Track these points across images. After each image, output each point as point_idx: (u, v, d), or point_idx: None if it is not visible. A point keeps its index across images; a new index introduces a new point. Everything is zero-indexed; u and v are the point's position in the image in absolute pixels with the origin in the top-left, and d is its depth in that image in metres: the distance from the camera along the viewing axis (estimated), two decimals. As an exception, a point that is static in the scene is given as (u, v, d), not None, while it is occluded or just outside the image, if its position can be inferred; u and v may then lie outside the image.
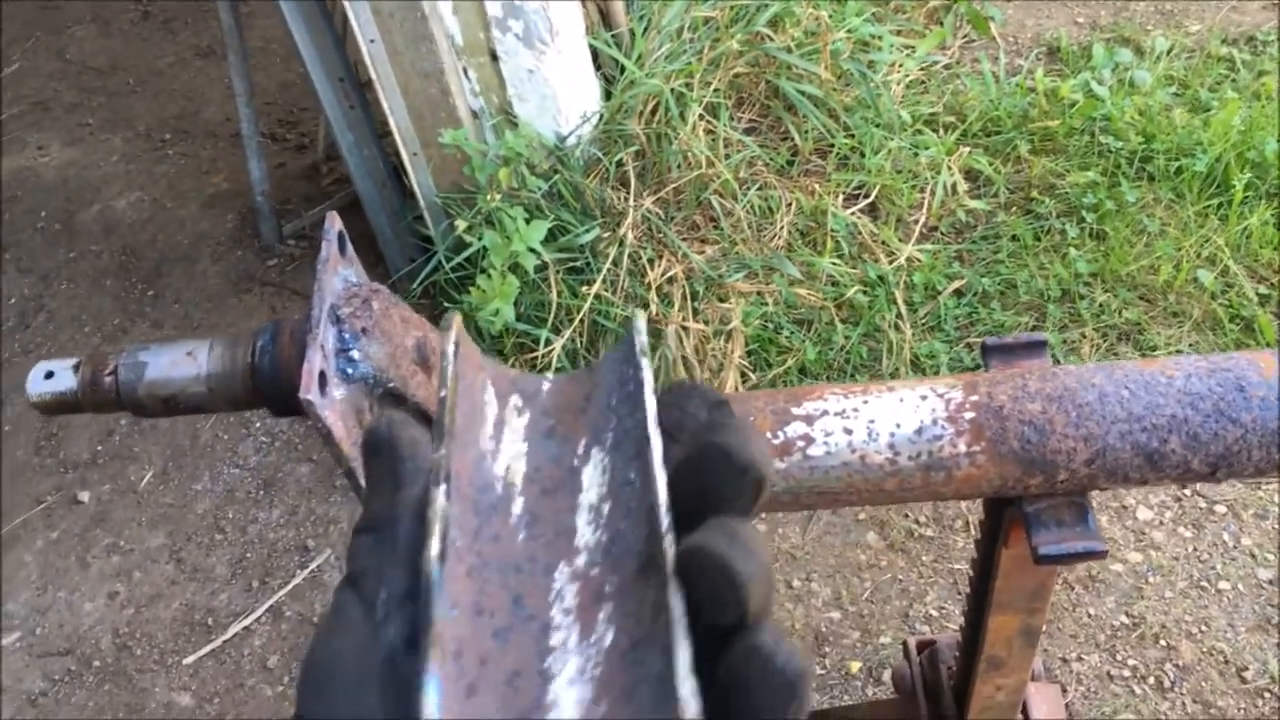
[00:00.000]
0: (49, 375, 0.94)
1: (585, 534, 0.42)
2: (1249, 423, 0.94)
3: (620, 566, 0.40)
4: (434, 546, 0.37)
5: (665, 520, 0.39)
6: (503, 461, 0.44)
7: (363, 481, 0.93)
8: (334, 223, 0.94)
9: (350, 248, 0.96)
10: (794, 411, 0.98)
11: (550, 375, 0.49)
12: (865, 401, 0.98)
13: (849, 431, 0.97)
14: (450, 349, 0.44)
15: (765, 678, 0.37)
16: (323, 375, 0.85)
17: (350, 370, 0.89)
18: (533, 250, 2.54)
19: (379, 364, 0.90)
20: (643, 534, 0.40)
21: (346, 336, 0.89)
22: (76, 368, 0.95)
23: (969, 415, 0.96)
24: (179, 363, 0.93)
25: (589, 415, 0.46)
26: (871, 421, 0.97)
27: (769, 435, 0.98)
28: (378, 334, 0.90)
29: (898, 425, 0.96)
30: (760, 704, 0.38)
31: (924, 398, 0.97)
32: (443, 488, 0.38)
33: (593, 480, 0.44)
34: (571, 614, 0.40)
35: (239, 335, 0.94)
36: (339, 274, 0.93)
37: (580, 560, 0.41)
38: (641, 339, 0.46)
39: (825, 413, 0.98)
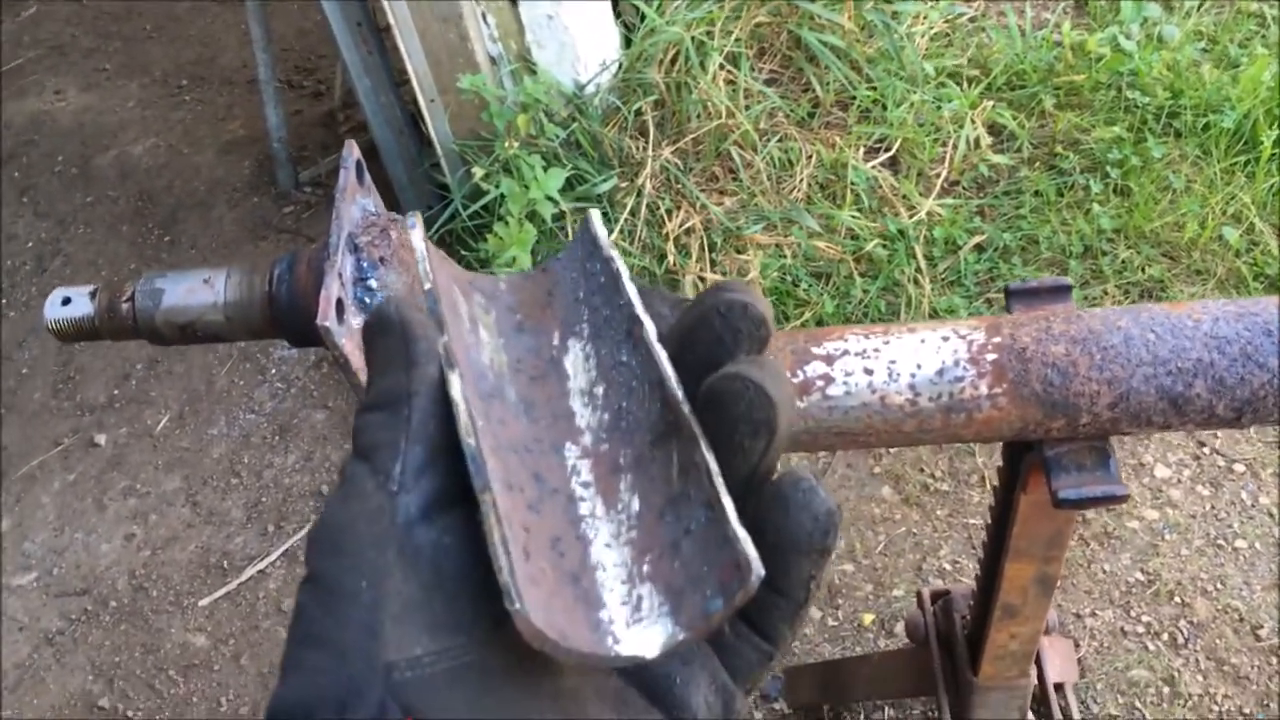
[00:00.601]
0: (66, 301, 0.94)
1: (585, 416, 0.43)
2: (1276, 368, 0.92)
3: (632, 441, 0.41)
4: (466, 418, 0.37)
5: (678, 390, 0.40)
6: (486, 354, 0.45)
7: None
8: (352, 151, 0.93)
9: (368, 177, 0.95)
10: (814, 351, 0.97)
11: (504, 275, 0.51)
12: (886, 342, 0.96)
13: (869, 372, 0.95)
14: (421, 245, 0.44)
15: (807, 501, 0.39)
16: (340, 303, 0.85)
17: (368, 299, 0.88)
18: (550, 199, 2.52)
19: (397, 293, 0.89)
20: (654, 407, 0.41)
21: (364, 265, 0.88)
22: (93, 294, 0.94)
23: (991, 357, 0.95)
24: (196, 290, 0.92)
25: (555, 309, 0.48)
26: (892, 362, 0.95)
27: (788, 374, 0.97)
28: (396, 263, 0.89)
29: (919, 366, 0.95)
30: (800, 530, 0.39)
31: (945, 339, 0.96)
32: (458, 369, 0.38)
33: (577, 368, 0.45)
34: (591, 487, 0.41)
35: (256, 263, 0.93)
36: (357, 202, 0.92)
37: (586, 440, 0.42)
38: (604, 236, 0.48)
39: (845, 353, 0.96)
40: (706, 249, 2.67)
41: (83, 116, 3.89)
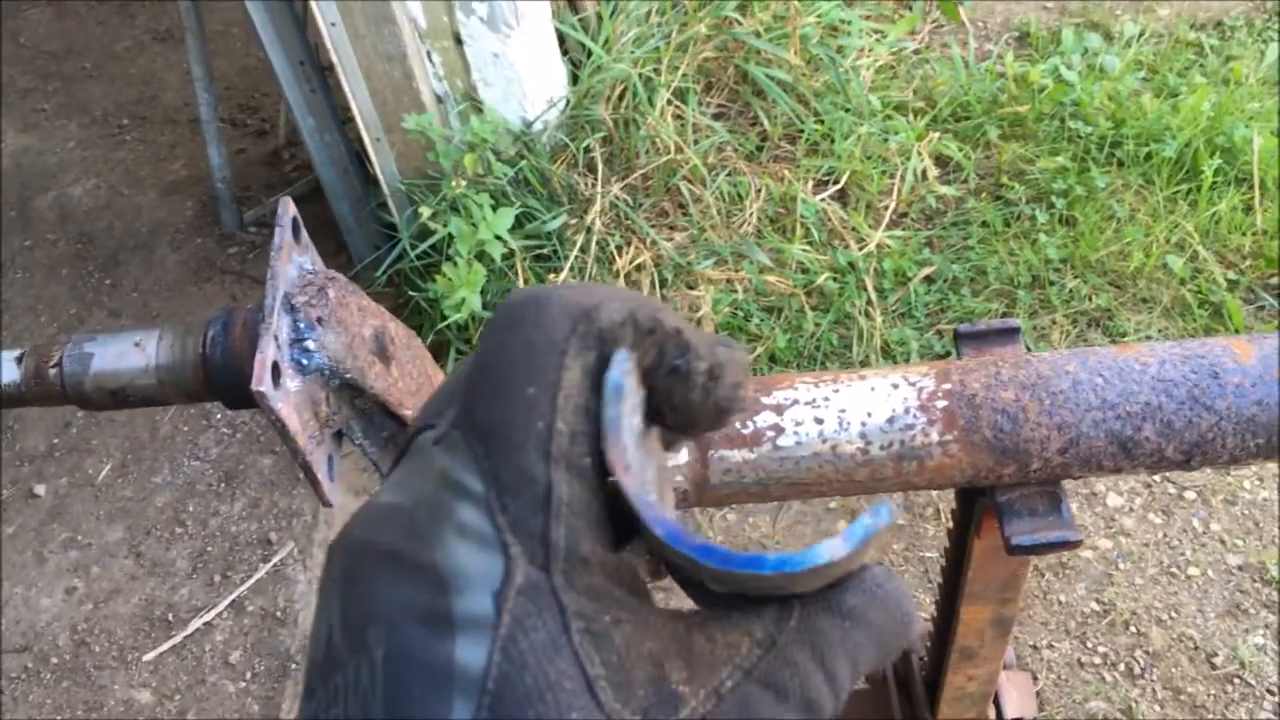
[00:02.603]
0: (-11, 367, 0.91)
1: None
2: (1223, 410, 0.92)
3: None
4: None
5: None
6: None
7: (320, 474, 0.90)
8: (288, 209, 0.91)
9: (305, 234, 0.93)
10: (763, 401, 0.96)
11: None
12: (836, 390, 0.95)
13: (820, 421, 0.94)
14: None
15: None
16: (276, 366, 0.82)
17: (305, 361, 0.85)
18: (499, 238, 2.50)
19: (335, 354, 0.86)
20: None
21: (301, 326, 0.86)
22: (19, 360, 0.91)
23: (941, 404, 0.94)
24: (126, 354, 0.89)
25: None
26: (842, 411, 0.94)
27: (738, 425, 0.96)
28: (334, 323, 0.87)
29: (869, 414, 0.94)
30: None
31: (895, 386, 0.95)
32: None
33: None
34: None
35: (189, 324, 0.90)
36: (294, 261, 0.90)
37: None
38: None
39: (795, 402, 0.95)
40: (658, 285, 2.66)
41: (21, 158, 3.82)
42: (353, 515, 0.41)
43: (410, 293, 2.68)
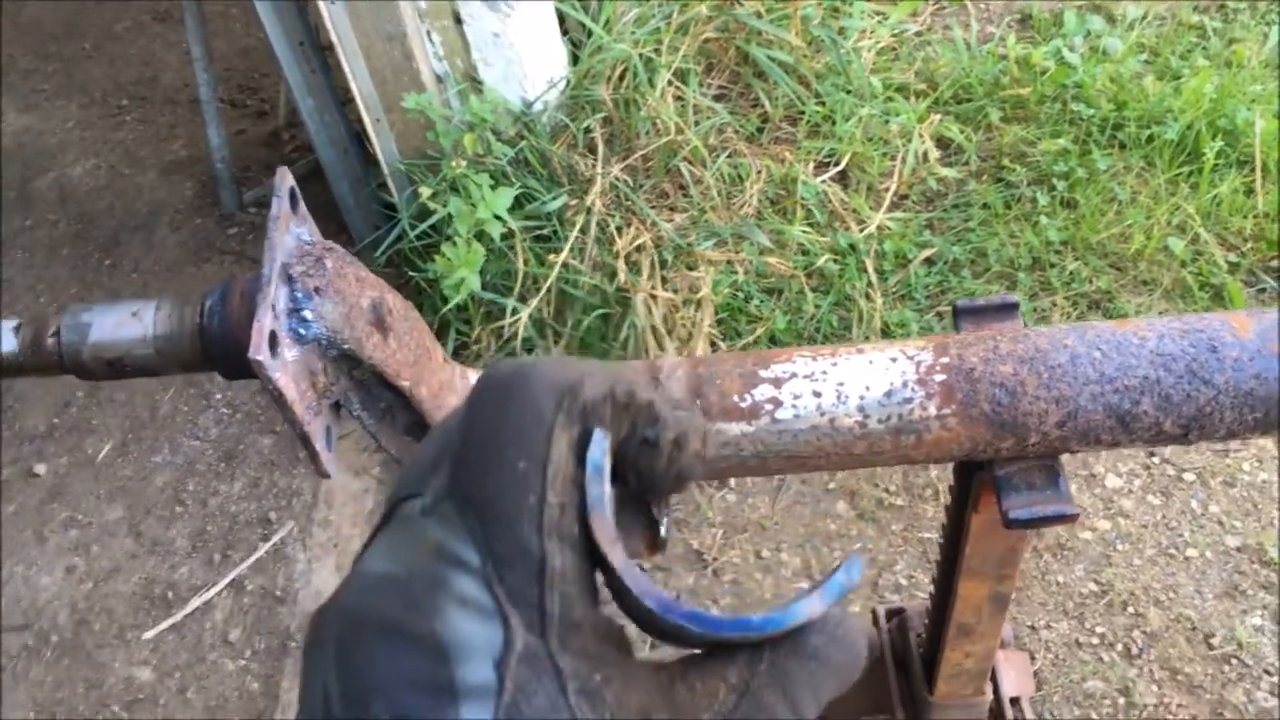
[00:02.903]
0: (-13, 337, 0.91)
1: None
2: (1221, 384, 0.92)
3: None
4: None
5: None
6: None
7: (318, 445, 0.90)
8: (285, 178, 0.91)
9: (302, 205, 0.93)
10: (761, 374, 0.95)
11: None
12: (834, 364, 0.95)
13: (817, 394, 0.94)
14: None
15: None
16: (274, 335, 0.82)
17: (303, 330, 0.85)
18: (499, 218, 2.50)
19: (333, 324, 0.86)
20: None
21: (299, 295, 0.86)
22: (17, 329, 0.91)
23: (939, 378, 0.94)
24: (124, 324, 0.89)
25: None
26: (840, 384, 0.94)
27: (736, 398, 0.95)
28: (331, 293, 0.87)
29: (867, 388, 0.94)
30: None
31: (894, 360, 0.95)
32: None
33: None
34: None
35: (187, 295, 0.90)
36: (291, 231, 0.90)
37: None
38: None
39: (794, 375, 0.95)
40: (658, 266, 2.66)
41: (21, 138, 3.82)
42: (342, 583, 0.42)
43: (410, 273, 2.68)
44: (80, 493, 2.69)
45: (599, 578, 0.41)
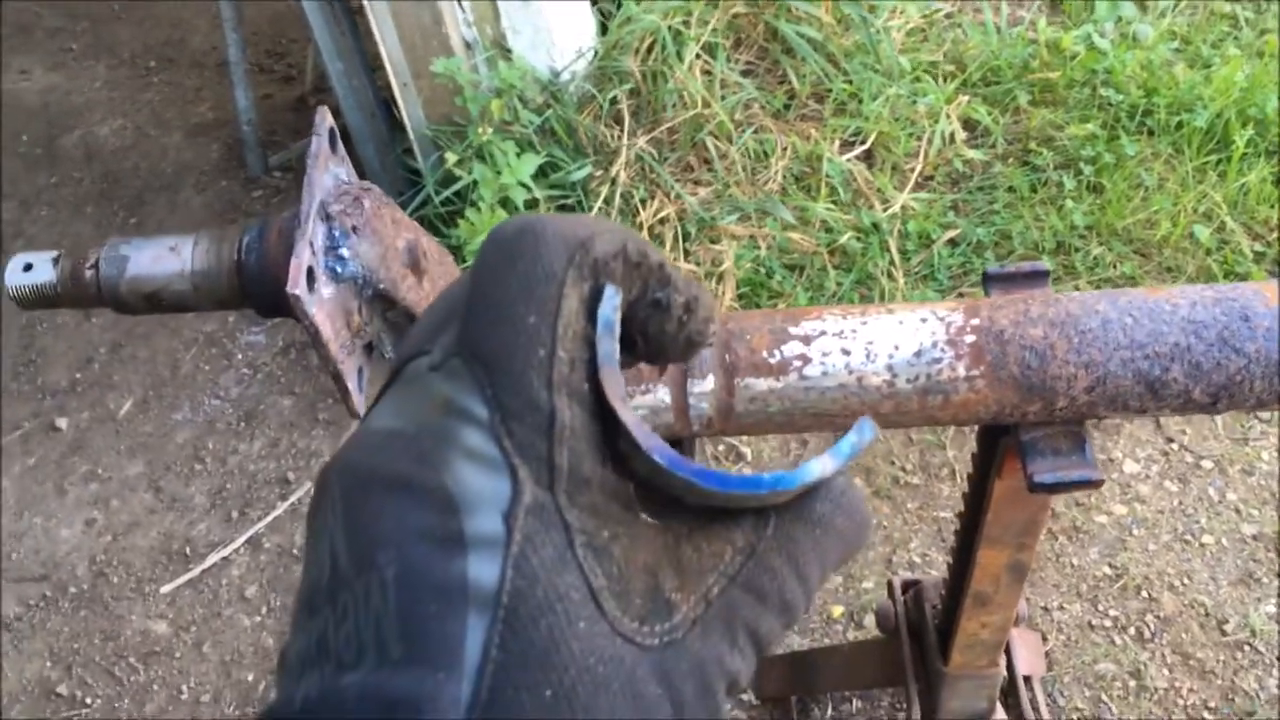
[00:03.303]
0: (28, 268, 0.91)
1: None
2: (1252, 353, 0.92)
3: None
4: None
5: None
6: None
7: (350, 384, 0.90)
8: (325, 117, 0.91)
9: (341, 145, 0.93)
10: (791, 331, 0.96)
11: None
12: (864, 323, 0.95)
13: (846, 352, 0.94)
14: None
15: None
16: (311, 272, 0.83)
17: (339, 268, 0.86)
18: (523, 185, 2.50)
19: (369, 263, 0.87)
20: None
21: (336, 234, 0.86)
22: (56, 260, 0.92)
23: (969, 339, 0.94)
24: (162, 258, 0.90)
25: None
26: (870, 343, 0.95)
27: (765, 354, 0.96)
28: (368, 233, 0.88)
29: (896, 347, 0.94)
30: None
31: (924, 320, 0.95)
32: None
33: None
34: None
35: (225, 231, 0.91)
36: (329, 170, 0.90)
37: None
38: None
39: (823, 333, 0.95)
40: (681, 239, 2.66)
41: (48, 96, 3.83)
42: (346, 441, 0.42)
43: (434, 238, 2.68)
44: (101, 448, 2.71)
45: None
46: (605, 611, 0.37)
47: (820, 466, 0.41)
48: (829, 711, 2.03)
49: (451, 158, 2.58)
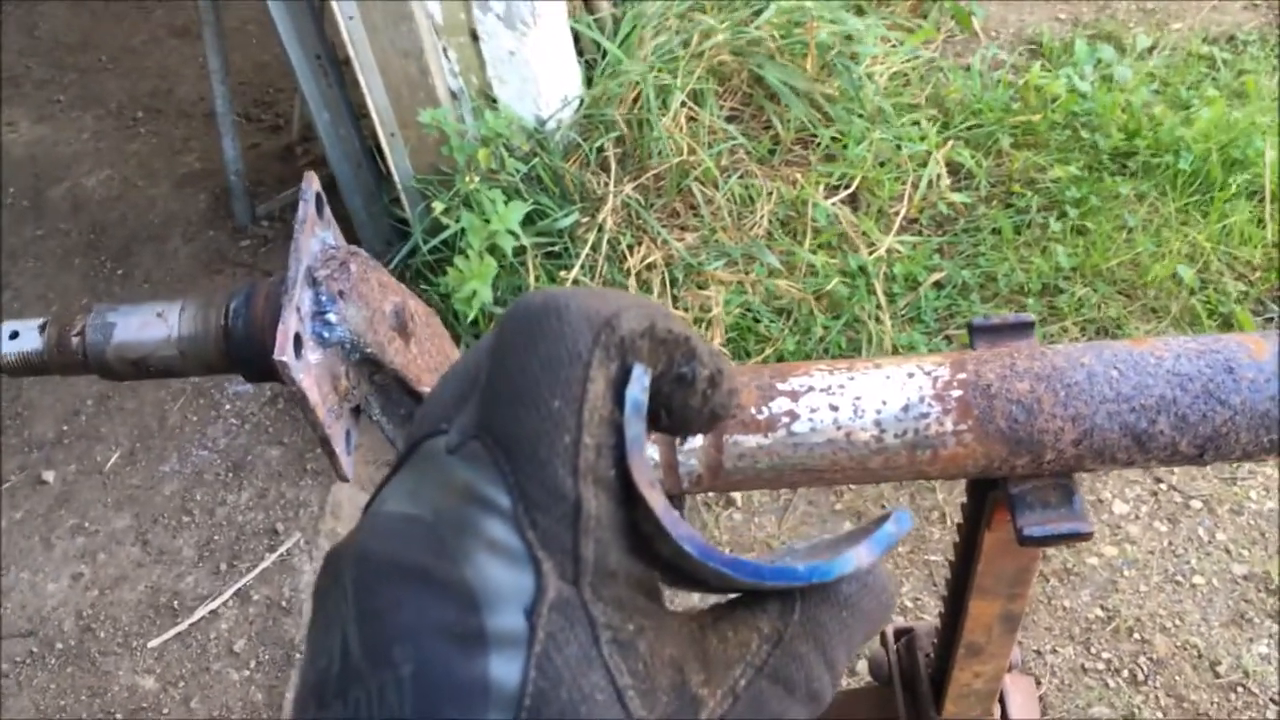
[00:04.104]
0: (14, 335, 0.91)
1: None
2: (1238, 404, 0.92)
3: None
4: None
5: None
6: None
7: (338, 448, 0.90)
8: (311, 183, 0.92)
9: (328, 210, 0.94)
10: (779, 387, 0.96)
11: None
12: (851, 378, 0.96)
13: (834, 408, 0.94)
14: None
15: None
16: (298, 338, 0.83)
17: (326, 334, 0.86)
18: (511, 232, 2.51)
19: (356, 328, 0.87)
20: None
21: (323, 299, 0.86)
22: (43, 328, 0.92)
23: (956, 393, 0.94)
24: (149, 324, 0.90)
25: None
26: (858, 398, 0.95)
27: (753, 410, 0.96)
28: (355, 297, 0.88)
29: (884, 402, 0.94)
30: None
31: (911, 375, 0.95)
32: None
33: None
34: None
35: (211, 296, 0.91)
36: (316, 235, 0.91)
37: None
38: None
39: (811, 389, 0.95)
40: (668, 284, 2.67)
41: (35, 148, 3.84)
42: (360, 524, 0.40)
43: (423, 288, 2.69)
44: (88, 500, 2.69)
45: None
46: (631, 712, 0.35)
47: (858, 558, 0.41)
48: (823, 760, 2.01)
49: (439, 206, 2.59)
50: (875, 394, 0.94)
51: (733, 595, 0.43)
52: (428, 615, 0.35)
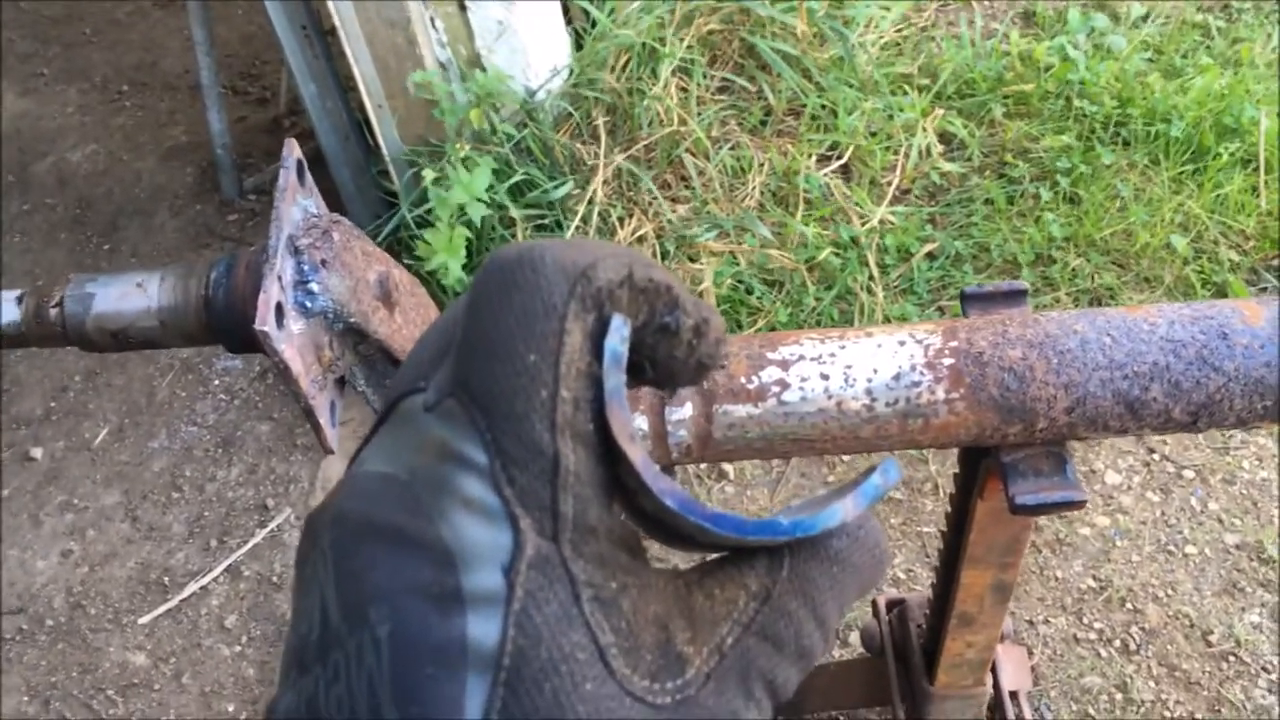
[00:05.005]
0: (-10, 307, 0.90)
1: None
2: (1231, 371, 0.92)
3: None
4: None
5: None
6: None
7: (322, 420, 0.89)
8: (292, 150, 0.90)
9: (309, 177, 0.92)
10: (769, 356, 0.95)
11: None
12: (842, 347, 0.95)
13: (825, 377, 0.94)
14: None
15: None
16: (279, 307, 0.81)
17: (309, 303, 0.85)
18: (480, 200, 2.48)
19: (339, 297, 0.86)
20: None
21: (305, 268, 0.85)
22: (20, 299, 0.91)
23: (948, 361, 0.93)
24: (128, 295, 0.89)
25: None
26: (849, 367, 0.94)
27: (743, 380, 0.95)
28: (338, 266, 0.86)
29: (875, 371, 0.93)
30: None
31: (902, 343, 0.94)
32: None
33: None
34: None
35: (192, 266, 0.89)
36: (298, 203, 0.89)
37: None
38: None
39: (801, 357, 0.95)
40: (659, 256, 2.65)
41: (19, 122, 3.80)
42: (338, 485, 0.40)
43: (409, 260, 2.67)
44: (77, 477, 2.68)
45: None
46: (614, 671, 0.35)
47: (843, 510, 0.39)
48: (816, 731, 2.02)
49: (430, 175, 2.56)
50: (866, 362, 0.93)
51: (721, 554, 0.42)
52: (403, 575, 0.35)
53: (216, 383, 2.83)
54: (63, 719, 2.25)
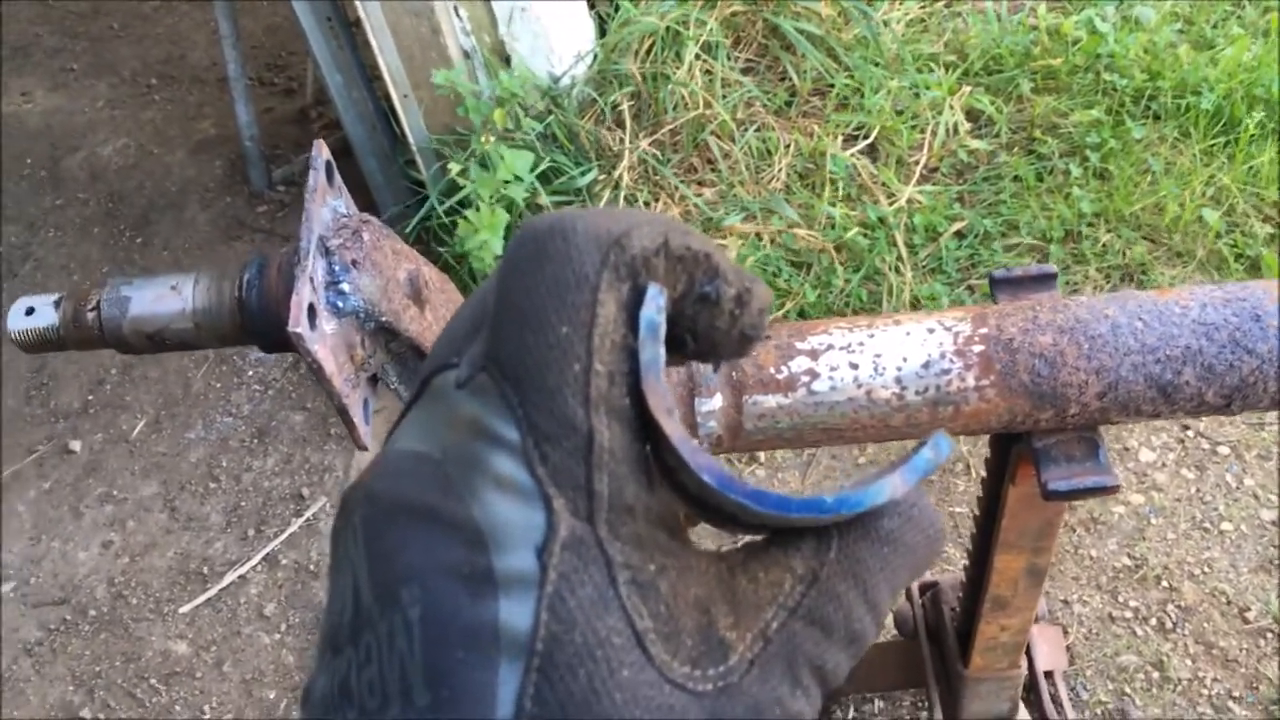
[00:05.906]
0: (30, 311, 0.91)
1: None
2: (1265, 353, 0.91)
3: None
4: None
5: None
6: None
7: (355, 418, 0.90)
8: (322, 151, 0.91)
9: (339, 177, 0.93)
10: (798, 346, 0.95)
11: None
12: (871, 335, 0.95)
13: (854, 366, 0.94)
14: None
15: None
16: (312, 308, 0.82)
17: (340, 303, 0.86)
18: (519, 178, 2.49)
19: (370, 297, 0.87)
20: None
21: (336, 269, 0.86)
22: (58, 303, 0.92)
23: (978, 348, 0.93)
24: (164, 297, 0.90)
25: None
26: (878, 356, 0.94)
27: (772, 370, 0.95)
28: (369, 266, 0.87)
29: (904, 359, 0.93)
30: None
31: (931, 331, 0.94)
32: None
33: None
34: None
35: (225, 269, 0.90)
36: (328, 204, 0.90)
37: None
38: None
39: (830, 347, 0.95)
40: (686, 241, 2.65)
41: (51, 118, 3.84)
42: (371, 463, 0.39)
43: (438, 249, 2.68)
44: (115, 469, 2.72)
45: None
46: (652, 656, 0.33)
47: (891, 486, 0.37)
48: (850, 713, 2.03)
49: (455, 167, 2.57)
50: (896, 351, 0.93)
51: (764, 535, 0.40)
52: (435, 555, 0.34)
53: (250, 374, 2.86)
54: (107, 707, 2.28)
